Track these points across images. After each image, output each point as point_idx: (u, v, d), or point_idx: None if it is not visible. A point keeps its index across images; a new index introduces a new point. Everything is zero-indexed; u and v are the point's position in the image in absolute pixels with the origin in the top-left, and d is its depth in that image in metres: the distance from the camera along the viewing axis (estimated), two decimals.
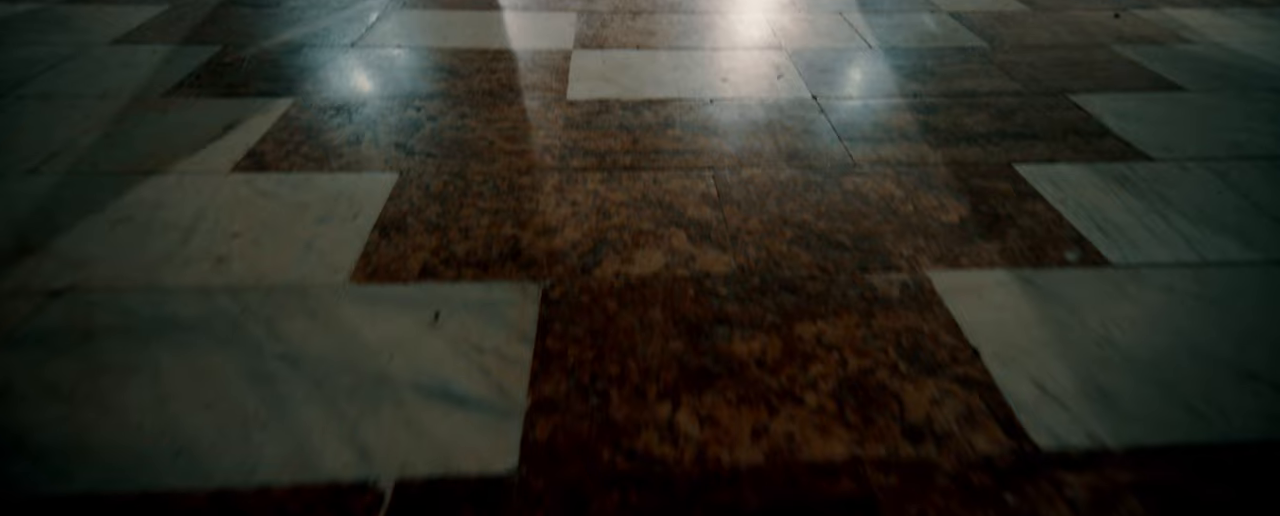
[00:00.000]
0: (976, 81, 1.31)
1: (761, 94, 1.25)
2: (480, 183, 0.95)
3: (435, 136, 1.06)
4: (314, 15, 1.56)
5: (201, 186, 0.91)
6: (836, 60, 1.41)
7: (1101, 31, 1.58)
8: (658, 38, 1.52)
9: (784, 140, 1.09)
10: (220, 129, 1.05)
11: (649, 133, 1.10)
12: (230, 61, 1.30)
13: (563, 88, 1.26)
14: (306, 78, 1.25)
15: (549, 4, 1.71)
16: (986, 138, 1.10)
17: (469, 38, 1.48)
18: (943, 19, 1.66)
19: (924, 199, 0.93)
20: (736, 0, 1.79)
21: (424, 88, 1.23)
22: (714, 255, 0.81)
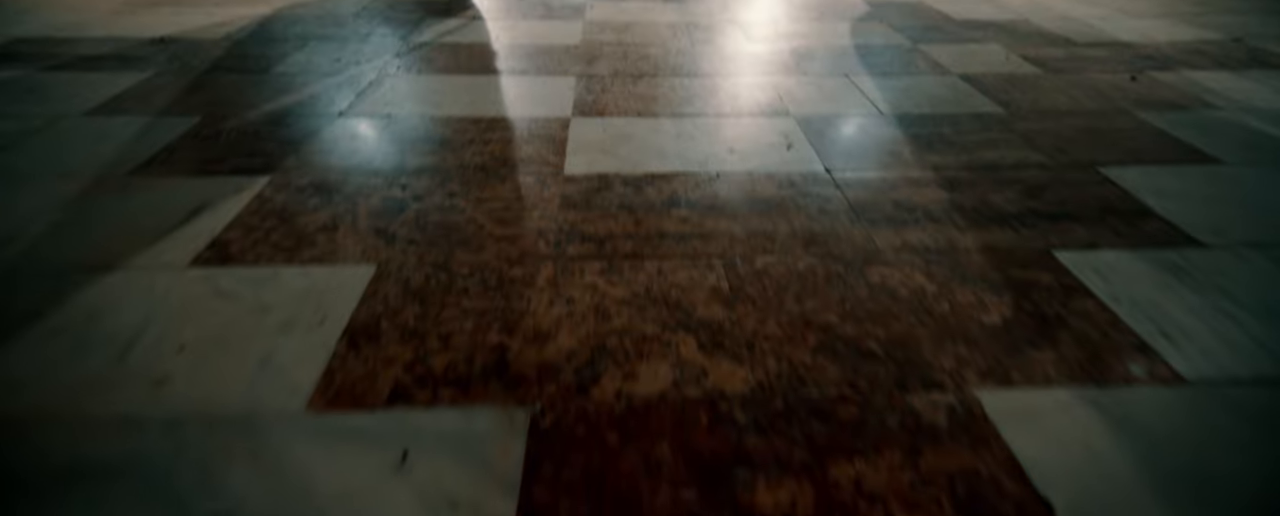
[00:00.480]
0: (999, 152, 1.24)
1: (771, 166, 1.18)
2: (466, 276, 0.86)
3: (420, 220, 0.98)
4: (303, 82, 1.51)
5: (154, 285, 0.81)
6: (848, 128, 1.35)
7: (1121, 96, 1.52)
8: (660, 103, 1.46)
9: (799, 222, 1.00)
10: (186, 213, 0.97)
11: (652, 213, 1.02)
12: (208, 134, 1.23)
13: (560, 161, 1.19)
14: (287, 152, 1.17)
15: (548, 68, 1.67)
16: (1019, 218, 1.01)
17: (464, 105, 1.42)
18: (953, 83, 1.61)
19: (959, 294, 0.83)
20: (740, 63, 1.75)
21: (412, 162, 1.16)
22: (729, 368, 0.71)
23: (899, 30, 2.05)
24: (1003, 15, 2.23)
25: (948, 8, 2.32)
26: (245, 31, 1.86)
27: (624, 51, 1.82)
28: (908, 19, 2.18)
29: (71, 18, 1.92)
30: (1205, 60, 1.78)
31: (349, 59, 1.67)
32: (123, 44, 1.72)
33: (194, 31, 1.84)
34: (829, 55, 1.81)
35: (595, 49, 1.84)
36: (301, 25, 1.94)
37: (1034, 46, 1.89)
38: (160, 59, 1.62)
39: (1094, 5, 2.37)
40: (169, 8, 2.06)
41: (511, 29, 2.00)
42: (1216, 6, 2.35)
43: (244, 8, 2.09)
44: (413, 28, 1.97)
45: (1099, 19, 2.19)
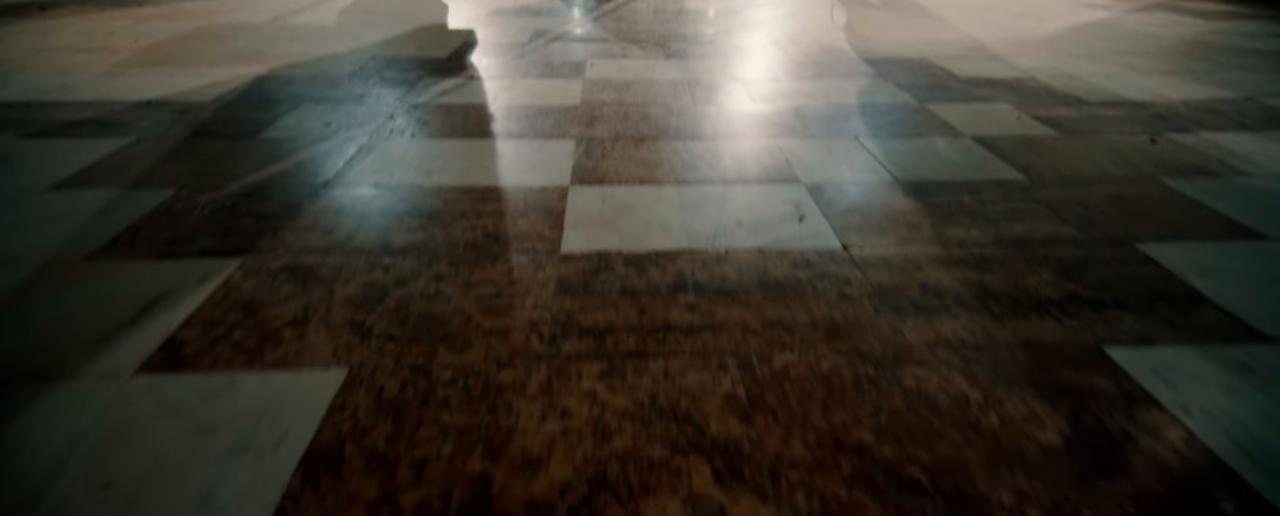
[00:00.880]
0: (1026, 226, 1.16)
1: (783, 242, 1.10)
2: (448, 382, 0.76)
3: (401, 309, 0.89)
4: (290, 148, 1.45)
5: (90, 400, 0.71)
6: (861, 197, 1.27)
7: (1144, 161, 1.46)
8: (662, 169, 1.39)
9: (818, 310, 0.91)
10: (141, 306, 0.88)
11: (657, 299, 0.93)
12: (181, 209, 1.15)
13: (557, 237, 1.11)
14: (262, 230, 1.09)
15: (546, 131, 1.61)
16: (1059, 306, 0.92)
17: (457, 173, 1.35)
18: (967, 145, 1.55)
19: (1007, 403, 0.74)
20: (744, 123, 1.70)
21: (397, 239, 1.08)
22: (750, 506, 0.61)
23: (904, 89, 2.01)
24: (1008, 73, 2.20)
25: (952, 65, 2.30)
26: (236, 93, 1.82)
27: (625, 112, 1.78)
28: (912, 77, 2.15)
29: (59, 79, 1.88)
30: (1222, 121, 1.73)
31: (340, 122, 1.62)
32: (107, 108, 1.67)
33: (183, 93, 1.79)
34: (835, 115, 1.77)
35: (595, 109, 1.79)
36: (295, 86, 1.90)
37: (1045, 106, 1.85)
38: (144, 124, 1.57)
39: (1100, 62, 2.35)
40: (161, 68, 2.03)
41: (510, 89, 1.96)
42: (1223, 64, 2.33)
43: (239, 68, 2.06)
44: (409, 88, 1.93)
45: (1106, 77, 2.16)
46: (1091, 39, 2.74)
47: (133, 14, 2.85)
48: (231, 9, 3.04)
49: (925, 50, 2.52)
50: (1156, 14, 3.32)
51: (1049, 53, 2.49)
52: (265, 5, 3.15)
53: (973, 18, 3.21)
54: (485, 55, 2.35)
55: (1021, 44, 2.64)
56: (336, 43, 2.44)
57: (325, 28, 2.70)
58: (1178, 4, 3.63)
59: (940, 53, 2.48)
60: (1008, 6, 3.51)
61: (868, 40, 2.70)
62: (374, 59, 2.24)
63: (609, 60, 2.33)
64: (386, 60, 2.23)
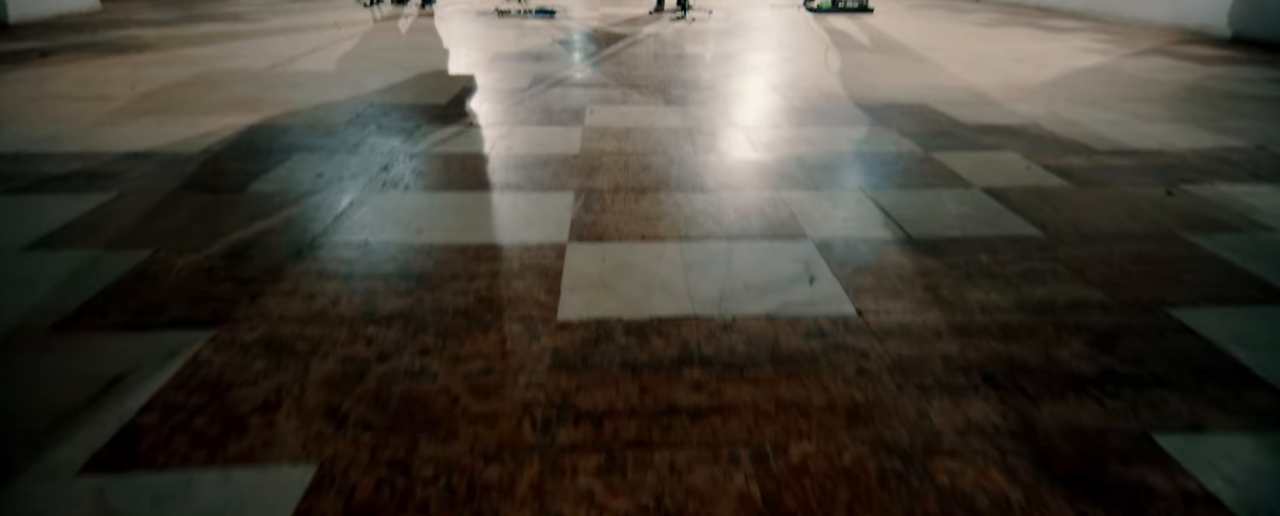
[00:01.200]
0: (1049, 288, 1.10)
1: (794, 306, 1.03)
2: (428, 480, 0.68)
3: (381, 392, 0.82)
4: (278, 202, 1.40)
5: (24, 507, 0.64)
6: (873, 255, 1.22)
7: (1163, 214, 1.41)
8: (664, 224, 1.34)
9: (835, 388, 0.84)
10: (100, 386, 0.81)
11: (660, 376, 0.86)
12: (157, 272, 1.09)
13: (553, 301, 1.04)
14: (240, 296, 1.03)
15: (545, 182, 1.57)
16: (1098, 385, 0.85)
17: (450, 229, 1.30)
18: (978, 198, 1.50)
19: (1054, 506, 0.66)
20: (747, 174, 1.66)
21: (383, 305, 1.01)
22: None
23: (908, 136, 1.99)
24: (1012, 120, 2.18)
25: (954, 112, 2.28)
26: (228, 143, 1.78)
27: (625, 162, 1.74)
28: (915, 123, 2.13)
29: (49, 130, 1.85)
30: (1236, 171, 1.69)
31: (333, 174, 1.58)
32: (95, 160, 1.63)
33: (174, 144, 1.76)
34: (839, 165, 1.73)
35: (595, 159, 1.75)
36: (289, 135, 1.87)
37: (1053, 155, 1.82)
38: (131, 176, 1.52)
39: (1103, 109, 2.34)
40: (154, 117, 2.01)
41: (508, 137, 1.93)
42: (1227, 110, 2.32)
43: (233, 116, 2.04)
44: (406, 137, 1.90)
45: (1111, 124, 2.14)
46: (1092, 85, 2.74)
47: (133, 60, 2.85)
48: (232, 55, 3.05)
49: (925, 96, 2.51)
50: (1154, 59, 3.35)
51: (1050, 99, 2.48)
52: (265, 51, 3.17)
53: (970, 63, 3.23)
54: (485, 101, 2.34)
55: (1021, 90, 2.64)
56: (335, 90, 2.43)
57: (325, 74, 2.70)
58: (1174, 49, 3.67)
59: (941, 98, 2.47)
60: (1004, 52, 3.55)
61: (867, 85, 2.70)
62: (372, 106, 2.22)
63: (609, 107, 2.31)
64: (385, 107, 2.21)
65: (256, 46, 3.29)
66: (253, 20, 4.20)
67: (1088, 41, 3.91)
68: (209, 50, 3.15)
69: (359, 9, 4.92)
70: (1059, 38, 4.07)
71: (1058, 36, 4.12)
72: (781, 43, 3.81)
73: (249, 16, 4.37)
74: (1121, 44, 3.82)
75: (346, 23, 4.19)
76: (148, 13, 4.46)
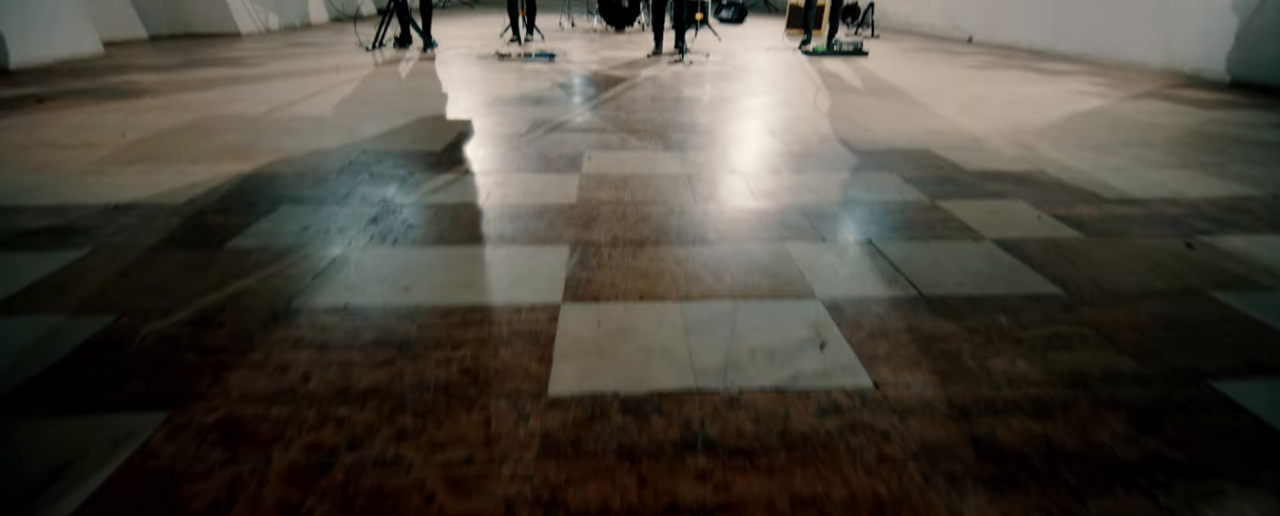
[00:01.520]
0: (1077, 355, 1.02)
1: (806, 379, 0.95)
2: None
3: (349, 486, 0.73)
4: (258, 260, 1.33)
5: None
6: (886, 316, 1.15)
7: (1186, 270, 1.35)
8: (664, 282, 1.27)
9: (856, 479, 0.75)
10: (42, 478, 0.72)
11: (661, 465, 0.78)
12: (118, 341, 1.01)
13: (544, 372, 0.96)
14: (205, 368, 0.95)
15: (539, 235, 1.51)
16: (1146, 474, 0.77)
17: (437, 288, 1.23)
18: (991, 252, 1.44)
19: None
20: (749, 224, 1.60)
21: (359, 379, 0.93)
22: None
23: (912, 183, 1.94)
24: (1017, 166, 2.15)
25: (956, 157, 2.25)
26: (215, 194, 1.73)
27: (622, 211, 1.69)
28: (918, 169, 2.09)
29: (32, 180, 1.80)
30: (1255, 222, 1.64)
31: (318, 227, 1.52)
32: (73, 213, 1.57)
33: (158, 195, 1.71)
34: (844, 214, 1.68)
35: (592, 208, 1.70)
36: (278, 185, 1.82)
37: (1063, 204, 1.77)
38: (107, 231, 1.46)
39: (1107, 154, 2.31)
40: (141, 166, 1.96)
41: (503, 185, 1.89)
42: (1233, 156, 2.29)
43: (223, 164, 2.00)
44: (398, 185, 1.85)
45: (1116, 171, 2.10)
46: (1093, 129, 2.72)
47: (129, 106, 2.84)
48: (230, 100, 3.05)
49: (926, 141, 2.49)
50: (1151, 102, 3.36)
51: (1053, 144, 2.45)
52: (264, 96, 3.17)
53: (967, 106, 3.23)
54: (481, 147, 2.31)
55: (1023, 134, 2.62)
56: (330, 136, 2.40)
57: (321, 120, 2.68)
58: (1170, 93, 3.69)
59: (942, 143, 2.45)
60: (1000, 95, 3.56)
61: (865, 130, 2.68)
62: (365, 153, 2.18)
63: (607, 152, 2.28)
64: (378, 154, 2.17)
65: (255, 91, 3.29)
66: (254, 65, 4.23)
67: (1083, 84, 3.94)
68: (207, 95, 3.14)
69: (361, 53, 4.98)
70: (1054, 80, 4.10)
71: (1053, 79, 4.15)
72: (778, 85, 3.83)
73: (250, 61, 4.41)
74: (1118, 87, 3.85)
75: (347, 67, 4.22)
76: (151, 58, 4.50)
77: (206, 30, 5.83)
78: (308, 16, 7.27)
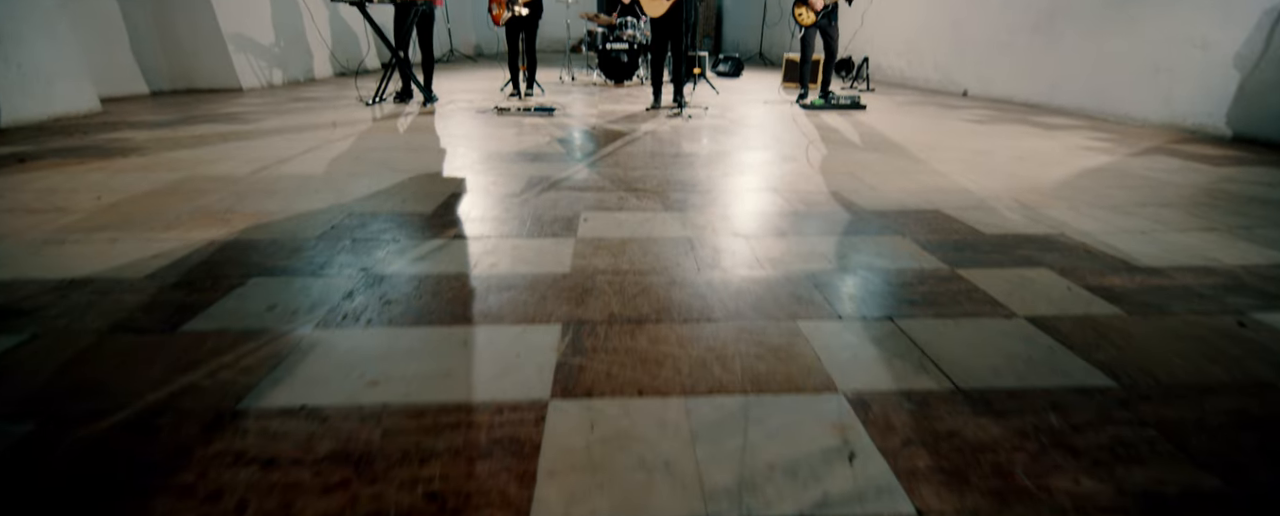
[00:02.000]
0: (1150, 472, 0.88)
1: (835, 503, 0.81)
2: None
3: None
4: (212, 348, 1.20)
5: None
6: (921, 417, 1.00)
7: (1244, 354, 1.22)
8: (666, 372, 1.14)
9: None
10: None
11: None
12: (33, 456, 0.87)
13: (525, 498, 0.82)
14: (122, 493, 0.80)
15: (528, 312, 1.38)
16: None
17: (410, 382, 1.09)
18: (1025, 331, 1.31)
19: None
20: (757, 298, 1.48)
21: (305, 509, 0.78)
22: None
23: (929, 249, 1.83)
24: (1035, 228, 2.05)
25: (971, 219, 2.15)
26: (181, 266, 1.62)
27: (620, 282, 1.57)
28: (932, 233, 1.99)
29: None
30: None
31: (288, 305, 1.39)
32: (22, 291, 1.45)
33: (119, 268, 1.59)
34: (859, 285, 1.56)
35: (587, 279, 1.58)
36: (251, 254, 1.71)
37: (1093, 273, 1.65)
38: (54, 312, 1.33)
39: (1126, 215, 2.21)
40: (109, 233, 1.85)
41: (493, 252, 1.77)
42: (1259, 218, 2.20)
43: (196, 231, 1.89)
44: (381, 252, 1.74)
45: (1140, 235, 2.00)
46: (1106, 187, 2.64)
47: (113, 166, 2.77)
48: (219, 158, 2.98)
49: (936, 200, 2.40)
50: (1158, 158, 3.30)
51: (1068, 204, 2.36)
52: (255, 154, 3.11)
53: (972, 163, 3.17)
54: (473, 208, 2.21)
55: (1035, 193, 2.53)
56: (316, 197, 2.31)
57: (310, 179, 2.60)
58: (1175, 148, 3.65)
59: (953, 203, 2.36)
60: (1004, 150, 3.52)
61: (871, 188, 2.60)
62: (351, 216, 2.08)
63: (604, 213, 2.18)
64: (365, 217, 2.07)
65: (247, 149, 3.23)
66: (251, 121, 4.21)
67: (1085, 139, 3.91)
68: (197, 153, 3.08)
69: (360, 108, 4.99)
70: (1055, 135, 4.08)
71: (1053, 134, 4.13)
72: (778, 139, 3.80)
73: (248, 117, 4.40)
74: (1121, 143, 3.81)
75: (345, 122, 4.20)
76: (147, 113, 4.49)
77: (209, 86, 5.88)
78: (312, 71, 7.38)
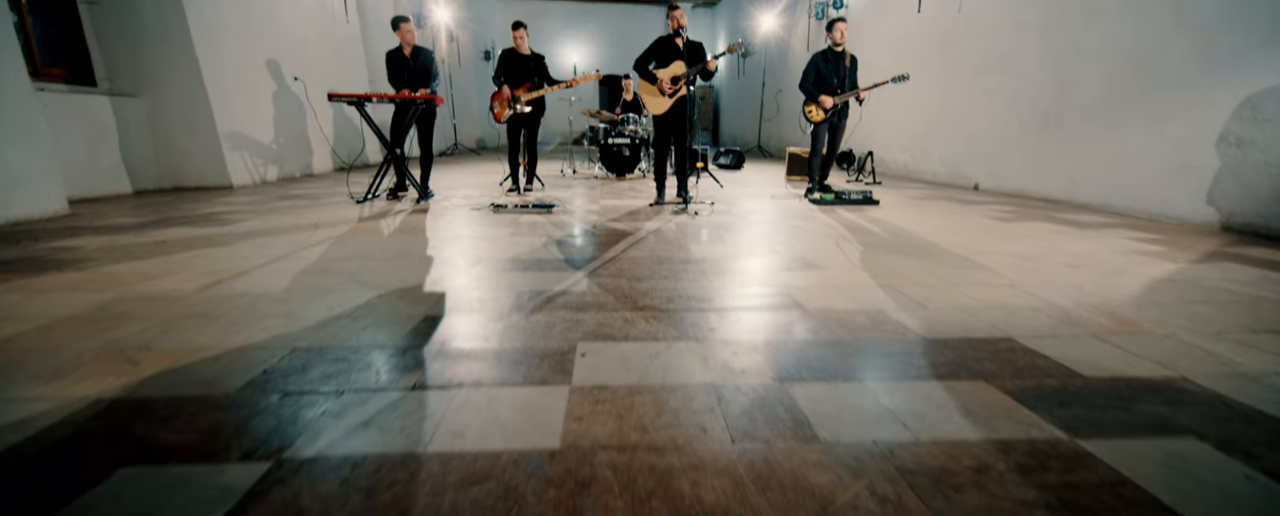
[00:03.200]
0: None
1: None
2: None
3: None
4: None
5: None
6: None
7: None
8: None
9: None
10: None
11: None
12: None
13: None
14: None
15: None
16: None
17: None
18: None
19: None
20: (820, 494, 1.05)
21: None
22: None
23: (1024, 402, 1.42)
24: (1143, 367, 1.64)
25: (1056, 352, 1.76)
26: (35, 445, 1.20)
27: (629, 466, 1.14)
28: (1016, 376, 1.58)
29: None
30: None
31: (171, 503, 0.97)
32: None
33: None
34: (960, 474, 1.13)
35: (582, 461, 1.16)
36: (138, 422, 1.30)
37: (1260, 445, 1.23)
38: None
39: (1245, 348, 1.81)
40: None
41: (461, 410, 1.37)
42: None
43: (90, 381, 1.49)
44: (314, 414, 1.33)
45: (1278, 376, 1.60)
46: (1191, 305, 2.27)
47: (40, 283, 2.41)
48: (168, 271, 2.63)
49: (1001, 323, 2.02)
50: (1229, 267, 2.96)
51: (1161, 329, 1.98)
52: (211, 265, 2.77)
53: (1021, 268, 2.82)
54: (447, 338, 1.82)
55: (1110, 312, 2.16)
56: (261, 324, 1.93)
57: (261, 299, 2.23)
58: (1238, 252, 3.32)
59: (1025, 328, 1.97)
60: (1050, 255, 3.19)
61: (918, 304, 2.22)
62: (295, 353, 1.69)
63: (606, 345, 1.79)
64: (311, 354, 1.68)
65: (206, 258, 2.90)
66: (227, 223, 3.93)
67: (1129, 241, 3.59)
68: (145, 266, 2.74)
69: (350, 206, 4.75)
70: (1094, 236, 3.77)
71: (1090, 234, 3.83)
72: (795, 240, 3.48)
73: (226, 218, 4.13)
74: (1173, 245, 3.49)
75: (328, 223, 3.92)
76: (118, 216, 4.23)
77: (198, 183, 5.71)
78: (310, 167, 7.29)
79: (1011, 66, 5.89)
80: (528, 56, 5.52)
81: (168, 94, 5.44)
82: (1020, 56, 5.78)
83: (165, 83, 5.41)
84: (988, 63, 6.23)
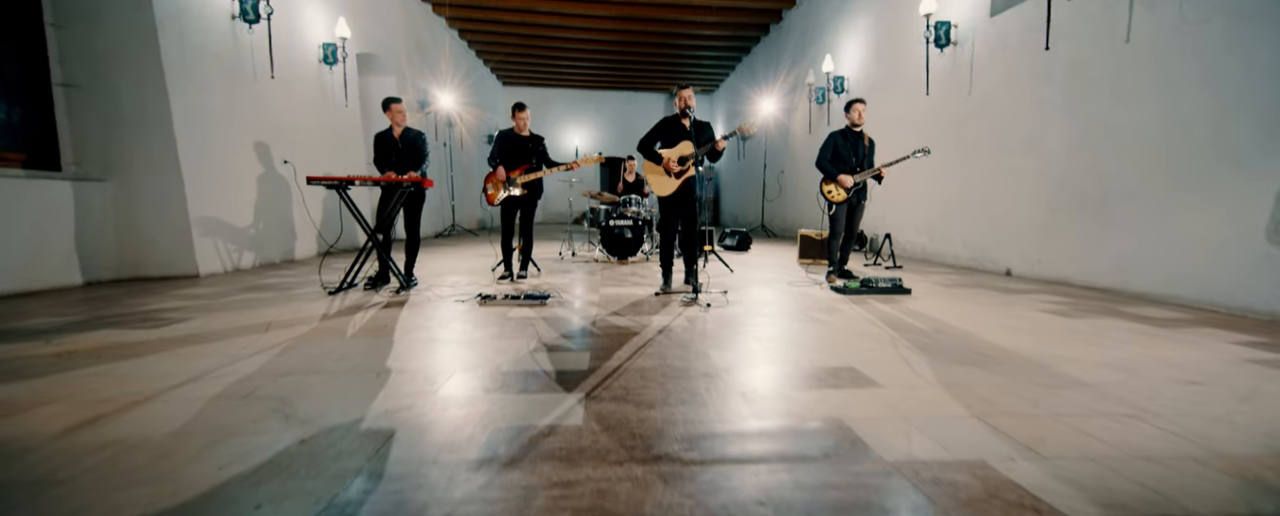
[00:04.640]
0: None
1: None
2: None
3: None
4: None
5: None
6: None
7: None
8: None
9: None
10: None
11: None
12: None
13: None
14: None
15: None
16: None
17: None
18: None
19: None
20: None
21: None
22: None
23: None
24: None
25: None
26: None
27: None
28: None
29: None
30: None
31: None
32: None
33: None
34: None
35: None
36: None
37: None
38: None
39: None
40: None
41: None
42: None
43: None
44: None
45: None
46: None
47: None
48: (43, 399, 2.07)
49: (1166, 488, 1.43)
50: None
51: None
52: (113, 386, 2.21)
53: (1131, 389, 2.25)
54: None
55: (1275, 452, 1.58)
56: (112, 497, 1.35)
57: (137, 448, 1.65)
58: None
59: (1190, 493, 1.38)
60: (1151, 367, 2.62)
61: (1030, 451, 1.64)
62: None
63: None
64: None
65: (106, 378, 2.34)
66: (164, 323, 3.39)
67: (1232, 345, 3.03)
68: (20, 389, 2.18)
69: (320, 298, 4.24)
70: (1182, 337, 3.21)
71: (1177, 334, 3.27)
72: (833, 344, 2.93)
73: (168, 317, 3.59)
74: None
75: (285, 322, 3.38)
76: (44, 314, 3.70)
77: (161, 273, 5.23)
78: (293, 252, 6.86)
79: (1036, 146, 5.59)
80: (527, 138, 5.24)
81: (139, 178, 5.09)
82: (1044, 135, 5.49)
83: (138, 166, 5.08)
84: (1007, 142, 5.95)
